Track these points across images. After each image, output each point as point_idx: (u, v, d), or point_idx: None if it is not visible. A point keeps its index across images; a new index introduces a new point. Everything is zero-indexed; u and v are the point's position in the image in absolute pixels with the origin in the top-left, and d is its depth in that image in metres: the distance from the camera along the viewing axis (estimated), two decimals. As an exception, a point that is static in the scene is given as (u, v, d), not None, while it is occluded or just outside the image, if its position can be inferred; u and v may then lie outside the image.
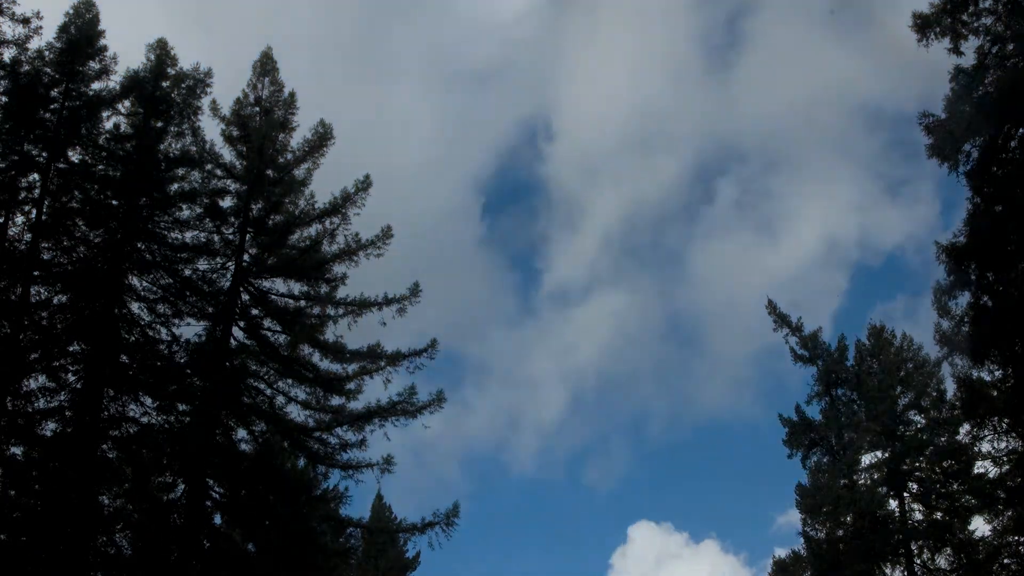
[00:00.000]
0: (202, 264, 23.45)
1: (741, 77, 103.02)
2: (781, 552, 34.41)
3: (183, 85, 23.27)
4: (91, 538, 20.25)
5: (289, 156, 24.18)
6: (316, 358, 23.56)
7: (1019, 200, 17.93)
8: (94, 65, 22.50)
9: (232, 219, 23.69)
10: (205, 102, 23.68)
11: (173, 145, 23.41)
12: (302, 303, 23.77)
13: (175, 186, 23.31)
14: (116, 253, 22.03)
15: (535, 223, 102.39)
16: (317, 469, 24.02)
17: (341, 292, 23.75)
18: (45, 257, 21.86)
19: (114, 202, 22.55)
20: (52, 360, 21.02)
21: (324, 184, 24.86)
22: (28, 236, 21.50)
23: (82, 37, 22.25)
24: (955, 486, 29.80)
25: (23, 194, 21.72)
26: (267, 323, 23.78)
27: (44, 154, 21.79)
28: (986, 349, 19.25)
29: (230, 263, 23.51)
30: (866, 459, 31.82)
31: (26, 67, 21.46)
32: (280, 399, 23.44)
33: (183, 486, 21.65)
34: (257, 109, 24.33)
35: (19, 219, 21.76)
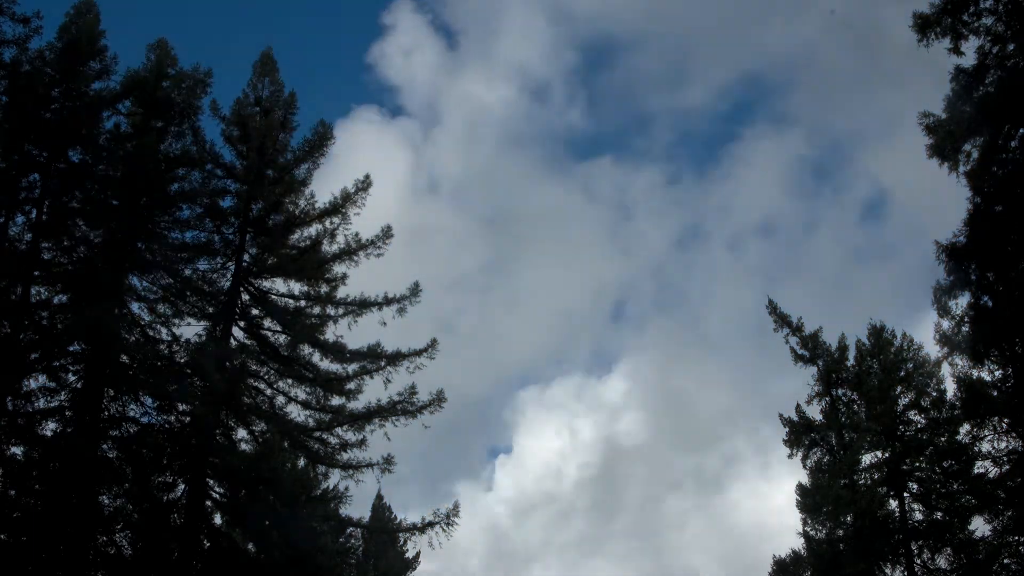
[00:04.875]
0: (202, 264, 23.50)
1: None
2: (781, 552, 34.39)
3: (183, 85, 23.27)
4: (91, 538, 20.24)
5: (289, 156, 24.20)
6: (316, 358, 23.56)
7: (1019, 200, 17.92)
8: (94, 65, 22.51)
9: (232, 219, 23.69)
10: (205, 102, 23.72)
11: (173, 145, 23.43)
12: (302, 303, 23.77)
13: (175, 186, 23.32)
14: (116, 253, 22.02)
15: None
16: (317, 469, 24.01)
17: (341, 292, 23.78)
18: (45, 257, 21.87)
19: (114, 202, 22.54)
20: (52, 360, 21.00)
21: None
22: (28, 236, 21.50)
23: (82, 37, 22.24)
24: (955, 486, 29.74)
25: (23, 194, 21.72)
26: (267, 323, 23.78)
27: (44, 154, 21.79)
28: (986, 349, 19.24)
29: (230, 263, 23.51)
30: (866, 459, 31.77)
31: (26, 67, 21.45)
32: (280, 399, 23.46)
33: (183, 486, 21.63)
34: (257, 109, 24.33)
35: (19, 219, 21.80)
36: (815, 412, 33.14)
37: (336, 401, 23.49)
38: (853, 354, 33.34)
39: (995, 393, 22.65)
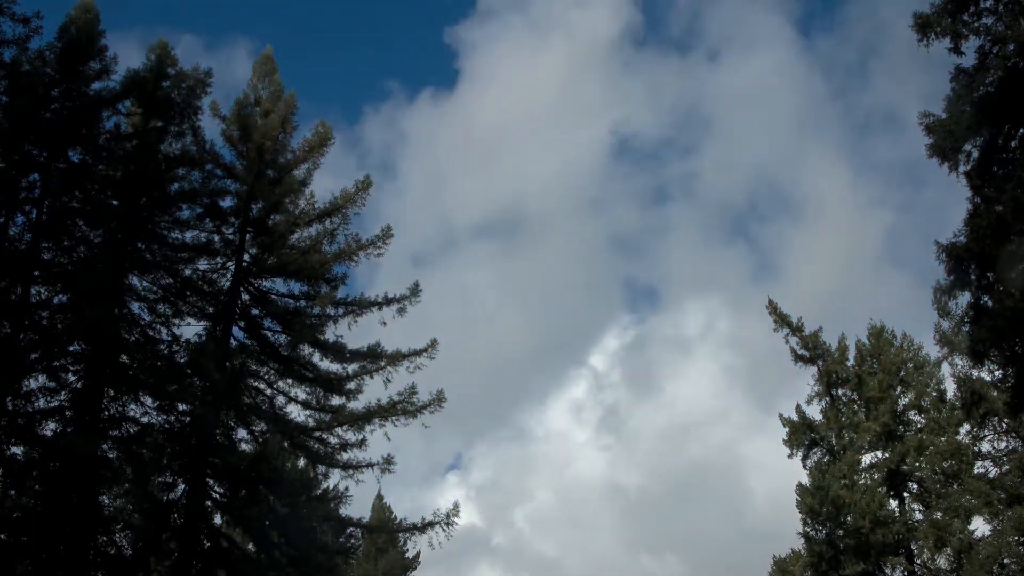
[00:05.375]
0: (202, 264, 23.48)
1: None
2: (781, 552, 34.39)
3: (183, 85, 23.24)
4: (91, 538, 20.24)
5: (289, 156, 24.20)
6: (316, 358, 23.56)
7: (1019, 200, 17.89)
8: (94, 65, 22.46)
9: (232, 219, 23.69)
10: (205, 102, 23.70)
11: (173, 145, 23.37)
12: (302, 303, 23.78)
13: (175, 186, 23.28)
14: (116, 253, 21.99)
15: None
16: (317, 469, 24.02)
17: (341, 292, 23.81)
18: (45, 257, 21.84)
19: (114, 202, 22.52)
20: (52, 360, 20.98)
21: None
22: (28, 236, 21.49)
23: (82, 37, 22.21)
24: (955, 486, 29.77)
25: (23, 194, 21.69)
26: (267, 323, 23.79)
27: (44, 154, 21.76)
28: (986, 349, 19.19)
29: (230, 263, 23.51)
30: (866, 459, 31.83)
31: (26, 67, 21.42)
32: (280, 399, 23.46)
33: (183, 486, 21.63)
34: (257, 109, 24.33)
35: (19, 219, 21.78)
36: (815, 412, 33.22)
37: (336, 401, 23.51)
38: (853, 354, 33.39)
39: (995, 393, 22.66)
